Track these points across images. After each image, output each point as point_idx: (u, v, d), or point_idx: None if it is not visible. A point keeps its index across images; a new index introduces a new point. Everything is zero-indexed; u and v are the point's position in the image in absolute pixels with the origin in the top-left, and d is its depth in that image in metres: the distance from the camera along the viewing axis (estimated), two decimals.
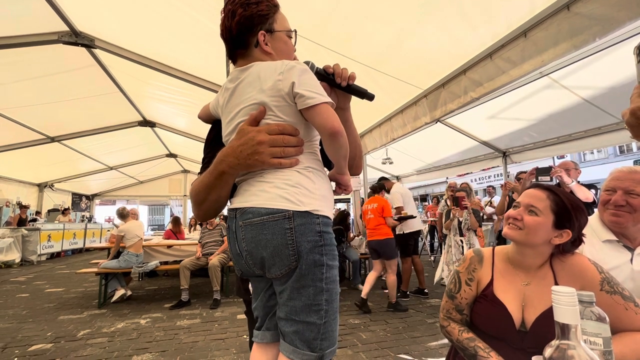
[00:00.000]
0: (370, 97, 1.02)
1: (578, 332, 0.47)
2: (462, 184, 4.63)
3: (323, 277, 0.82)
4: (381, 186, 4.43)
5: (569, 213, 0.95)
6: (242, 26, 0.89)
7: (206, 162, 0.99)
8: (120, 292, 4.25)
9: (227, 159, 0.82)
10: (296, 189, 0.83)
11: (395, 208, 4.54)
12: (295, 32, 1.00)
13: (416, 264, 4.45)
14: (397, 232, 4.45)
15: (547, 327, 0.86)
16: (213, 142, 1.03)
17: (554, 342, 0.49)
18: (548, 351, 0.49)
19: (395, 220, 4.17)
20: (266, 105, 0.84)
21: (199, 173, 0.98)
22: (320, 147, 0.96)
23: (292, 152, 0.83)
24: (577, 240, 0.98)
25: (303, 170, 0.86)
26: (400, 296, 4.16)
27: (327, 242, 0.84)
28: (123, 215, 4.48)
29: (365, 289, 3.80)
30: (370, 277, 3.87)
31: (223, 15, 0.92)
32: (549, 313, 0.87)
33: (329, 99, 0.83)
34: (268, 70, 0.86)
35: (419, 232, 4.59)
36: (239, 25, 0.89)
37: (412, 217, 4.46)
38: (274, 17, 0.94)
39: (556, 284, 0.94)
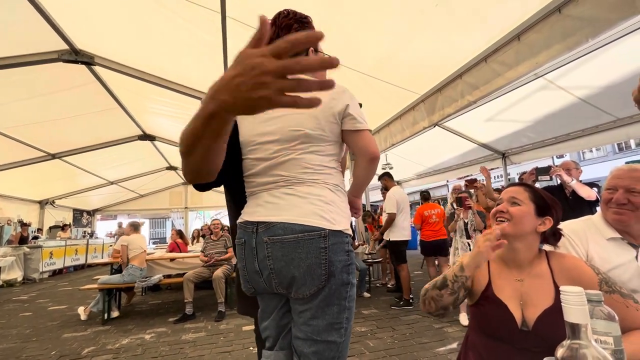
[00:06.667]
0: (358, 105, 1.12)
1: (589, 332, 0.48)
2: (479, 182, 4.39)
3: (347, 296, 0.82)
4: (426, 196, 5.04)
5: (546, 202, 1.04)
6: None
7: None
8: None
9: (218, 95, 0.53)
10: (330, 206, 0.82)
11: (388, 213, 4.37)
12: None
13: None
14: (385, 238, 4.49)
15: (549, 325, 0.88)
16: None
17: (565, 343, 0.49)
18: (560, 351, 0.49)
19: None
20: (317, 117, 0.87)
21: None
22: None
23: (314, 85, 0.47)
24: (557, 233, 1.06)
25: (334, 188, 0.86)
26: (403, 304, 4.14)
27: (352, 261, 0.85)
28: (135, 227, 4.67)
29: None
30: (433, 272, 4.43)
31: (274, 27, 0.96)
32: (550, 311, 0.89)
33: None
34: None
35: (407, 242, 4.42)
36: None
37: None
38: None
39: (554, 282, 0.96)
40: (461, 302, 1.06)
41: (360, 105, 1.13)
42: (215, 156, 0.69)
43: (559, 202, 1.07)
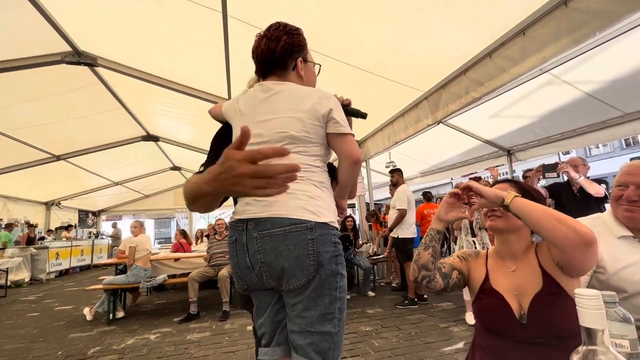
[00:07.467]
0: (363, 115, 1.19)
1: (606, 337, 0.45)
2: (484, 179, 4.40)
3: (337, 286, 0.86)
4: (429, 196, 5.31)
5: (532, 195, 1.05)
6: (285, 50, 1.01)
7: (207, 162, 1.00)
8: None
9: (211, 183, 0.68)
10: (315, 200, 0.87)
11: (398, 209, 4.39)
12: (320, 66, 1.17)
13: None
14: (392, 235, 4.46)
15: (541, 311, 0.90)
16: (220, 144, 1.06)
17: (581, 348, 0.47)
18: (575, 358, 0.47)
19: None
20: (302, 120, 0.92)
21: (196, 172, 0.96)
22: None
23: (279, 183, 0.62)
24: None
25: (319, 184, 0.92)
26: (408, 303, 4.10)
27: (340, 252, 0.89)
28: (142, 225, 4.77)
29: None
30: None
31: (265, 39, 1.02)
32: (540, 295, 0.91)
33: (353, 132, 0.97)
34: (306, 93, 0.96)
35: (413, 240, 4.44)
36: (283, 49, 1.00)
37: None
38: (307, 49, 1.09)
39: (540, 266, 0.96)
40: (452, 285, 1.08)
41: (365, 116, 1.19)
42: (211, 206, 0.84)
43: (542, 194, 1.11)
